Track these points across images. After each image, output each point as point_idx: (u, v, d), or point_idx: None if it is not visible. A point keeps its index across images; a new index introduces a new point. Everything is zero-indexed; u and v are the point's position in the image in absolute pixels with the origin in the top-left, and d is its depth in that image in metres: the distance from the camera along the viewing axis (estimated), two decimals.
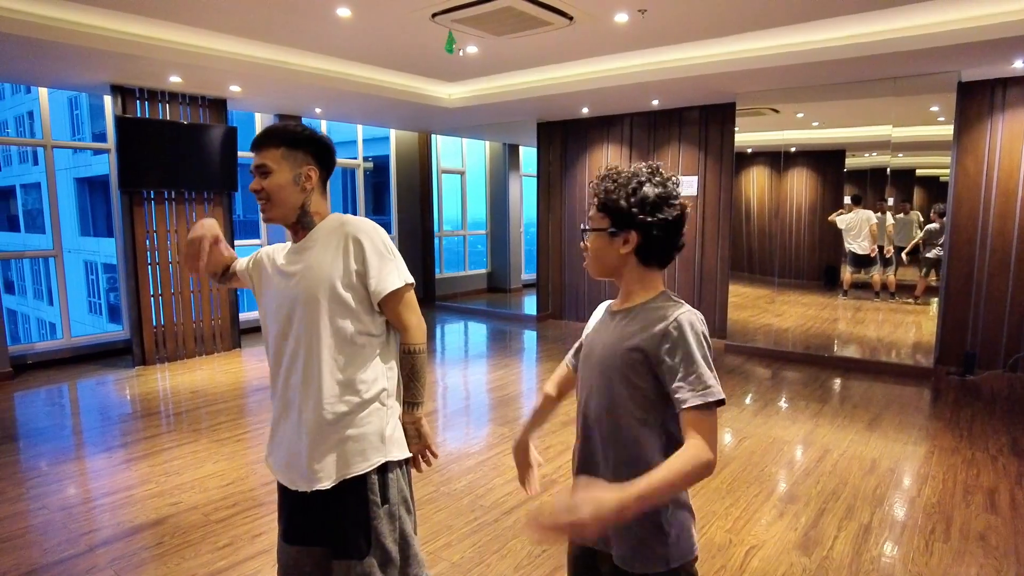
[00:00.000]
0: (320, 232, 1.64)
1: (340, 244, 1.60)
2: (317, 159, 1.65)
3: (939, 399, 4.79)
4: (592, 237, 1.33)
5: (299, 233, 1.66)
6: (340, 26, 4.40)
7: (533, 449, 1.57)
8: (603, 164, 7.35)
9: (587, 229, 1.33)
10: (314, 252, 1.62)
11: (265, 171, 1.60)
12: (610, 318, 1.37)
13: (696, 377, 1.19)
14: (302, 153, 1.62)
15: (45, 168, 5.76)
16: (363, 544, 1.58)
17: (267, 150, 1.60)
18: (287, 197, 1.61)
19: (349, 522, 1.59)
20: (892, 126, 5.38)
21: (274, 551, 2.05)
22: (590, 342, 1.40)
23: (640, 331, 1.26)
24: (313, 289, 1.58)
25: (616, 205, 1.27)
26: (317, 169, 1.64)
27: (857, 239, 5.82)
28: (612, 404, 1.29)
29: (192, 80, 5.34)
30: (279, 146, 1.60)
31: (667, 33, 4.65)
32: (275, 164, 1.60)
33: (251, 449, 3.80)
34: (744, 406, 4.62)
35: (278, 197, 1.60)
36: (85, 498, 3.18)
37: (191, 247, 1.72)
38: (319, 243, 1.62)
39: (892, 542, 2.74)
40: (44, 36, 3.98)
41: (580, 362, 1.43)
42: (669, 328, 1.22)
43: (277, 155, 1.60)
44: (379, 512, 1.61)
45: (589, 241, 1.34)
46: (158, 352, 5.89)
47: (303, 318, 1.59)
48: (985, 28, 3.99)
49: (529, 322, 8.02)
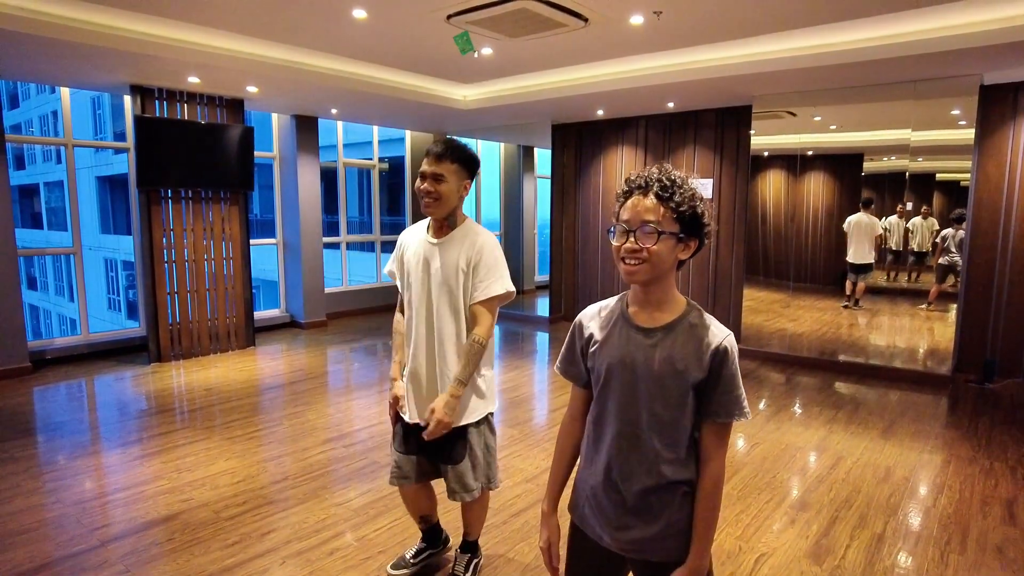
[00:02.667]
0: (458, 233, 2.17)
1: (469, 248, 2.13)
2: (471, 177, 2.17)
3: (956, 407, 4.71)
4: (661, 240, 1.27)
5: (444, 229, 2.18)
6: (356, 27, 4.42)
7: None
8: (618, 166, 7.33)
9: (662, 232, 1.27)
10: (450, 249, 2.15)
11: (441, 179, 2.08)
12: (642, 335, 1.35)
13: (735, 397, 1.32)
14: (466, 171, 2.14)
15: (66, 166, 5.85)
16: (460, 453, 2.20)
17: (446, 163, 2.09)
18: (449, 201, 2.11)
19: (454, 441, 2.20)
20: (911, 130, 5.30)
21: (281, 549, 2.71)
22: (618, 362, 1.36)
23: (694, 351, 1.32)
24: (447, 278, 2.13)
25: (693, 212, 1.29)
26: (470, 183, 2.18)
27: (856, 245, 5.75)
28: (658, 417, 1.34)
29: (210, 80, 5.40)
30: (455, 162, 2.10)
31: (683, 35, 4.62)
32: (449, 175, 2.09)
33: (263, 447, 3.83)
34: (757, 411, 4.57)
35: (445, 199, 2.10)
36: (99, 493, 3.22)
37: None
38: (455, 242, 2.15)
39: (906, 552, 2.70)
40: (65, 36, 4.04)
41: (606, 384, 1.39)
42: (719, 348, 1.31)
43: (452, 168, 2.10)
44: (472, 432, 2.22)
45: (651, 242, 1.27)
46: (173, 349, 5.95)
47: (439, 298, 2.15)
48: (1010, 30, 3.91)
49: (542, 324, 8.01)
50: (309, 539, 2.78)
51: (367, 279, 8.90)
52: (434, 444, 2.20)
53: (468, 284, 2.14)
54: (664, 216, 1.27)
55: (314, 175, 7.37)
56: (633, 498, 1.36)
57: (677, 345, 1.32)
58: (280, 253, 7.58)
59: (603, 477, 1.40)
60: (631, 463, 1.36)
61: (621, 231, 1.30)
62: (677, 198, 1.27)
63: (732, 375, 1.31)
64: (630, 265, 1.29)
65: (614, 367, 1.37)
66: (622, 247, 1.30)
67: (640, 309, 1.37)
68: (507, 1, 3.85)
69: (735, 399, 1.31)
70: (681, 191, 1.28)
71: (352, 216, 14.58)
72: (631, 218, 1.29)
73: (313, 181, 7.36)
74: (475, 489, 2.22)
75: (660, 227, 1.27)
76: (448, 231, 2.17)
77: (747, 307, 6.39)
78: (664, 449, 1.34)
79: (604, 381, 1.39)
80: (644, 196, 1.29)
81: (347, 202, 8.46)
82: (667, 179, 1.29)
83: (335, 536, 2.80)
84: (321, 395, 4.90)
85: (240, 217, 6.33)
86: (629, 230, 1.29)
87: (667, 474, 1.34)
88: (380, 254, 8.85)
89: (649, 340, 1.34)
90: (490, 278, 2.11)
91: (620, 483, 1.37)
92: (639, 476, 1.35)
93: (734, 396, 1.31)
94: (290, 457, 3.69)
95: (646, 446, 1.35)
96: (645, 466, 1.35)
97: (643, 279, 1.31)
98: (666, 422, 1.33)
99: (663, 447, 1.34)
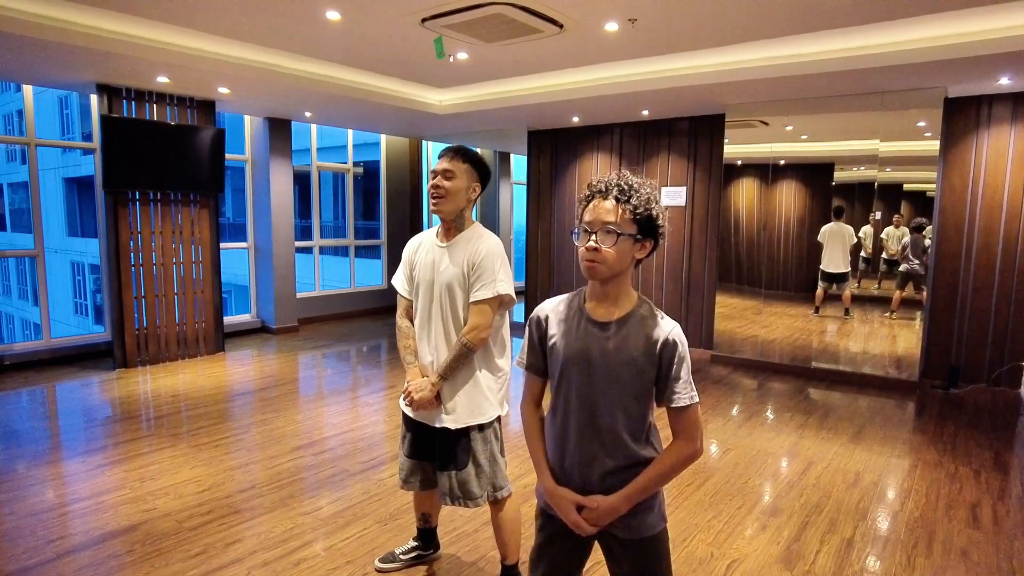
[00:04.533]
0: (464, 236, 2.20)
1: (472, 251, 2.16)
2: (481, 182, 2.23)
3: (923, 412, 4.79)
4: (619, 241, 1.39)
5: (451, 231, 2.22)
6: (330, 29, 4.38)
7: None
8: (593, 173, 7.36)
9: (620, 233, 1.39)
10: (456, 252, 2.18)
11: (450, 175, 2.14)
12: (598, 328, 1.46)
13: (685, 382, 1.43)
14: (476, 173, 2.21)
15: (29, 167, 5.68)
16: (464, 458, 2.19)
17: (457, 161, 2.16)
18: (457, 199, 2.16)
19: (456, 443, 2.20)
20: (880, 140, 5.41)
21: (246, 560, 2.63)
22: (576, 353, 1.47)
23: (644, 342, 1.43)
24: (451, 280, 2.16)
25: (648, 214, 1.41)
26: (480, 188, 2.23)
27: (830, 253, 5.84)
28: (615, 404, 1.45)
29: (180, 81, 5.29)
30: (465, 162, 2.18)
31: (657, 43, 4.65)
32: (460, 173, 2.16)
33: (230, 455, 3.74)
34: (729, 417, 4.60)
35: (452, 196, 2.15)
36: (57, 503, 3.11)
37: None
38: (461, 245, 2.19)
39: (875, 556, 2.72)
40: (27, 32, 3.92)
41: (563, 374, 1.50)
42: (668, 340, 1.42)
43: (463, 167, 2.17)
44: (476, 436, 2.20)
45: (610, 244, 1.39)
46: (140, 355, 5.81)
47: (440, 299, 2.18)
48: (971, 44, 4.02)
49: (517, 329, 7.99)
50: (276, 549, 2.71)
51: (340, 284, 8.79)
52: (439, 449, 2.24)
53: (468, 286, 2.18)
54: (622, 218, 1.40)
55: (287, 178, 7.28)
56: (596, 480, 1.48)
57: (630, 337, 1.44)
58: (251, 257, 7.45)
59: (566, 462, 1.51)
60: (592, 448, 1.47)
61: (583, 232, 1.43)
62: (634, 201, 1.40)
63: (680, 363, 1.42)
64: (591, 263, 1.41)
65: (572, 359, 1.48)
66: (583, 247, 1.41)
67: (597, 304, 1.48)
68: (482, 6, 3.85)
69: (683, 384, 1.42)
70: (638, 195, 1.41)
71: (326, 220, 14.44)
72: (592, 220, 1.41)
73: (286, 184, 7.26)
74: (479, 497, 2.21)
75: (619, 228, 1.39)
76: (456, 234, 2.22)
77: (720, 313, 6.45)
78: (622, 433, 1.45)
79: (562, 372, 1.50)
80: (604, 199, 1.41)
81: (321, 206, 8.37)
82: (625, 184, 1.41)
83: (303, 546, 2.74)
84: (291, 402, 4.81)
85: (210, 220, 6.21)
86: (590, 231, 1.41)
87: (626, 457, 1.46)
88: (354, 259, 8.76)
89: (604, 333, 1.45)
90: (484, 280, 2.13)
91: (582, 467, 1.49)
92: (600, 459, 1.47)
93: (683, 382, 1.42)
94: (258, 465, 3.61)
95: (605, 432, 1.46)
96: (605, 451, 1.47)
97: (602, 276, 1.42)
98: (622, 408, 1.45)
99: (622, 431, 1.45)
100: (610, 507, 1.45)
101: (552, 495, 1.53)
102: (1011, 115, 5.11)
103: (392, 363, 6.07)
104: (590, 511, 1.47)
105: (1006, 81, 4.74)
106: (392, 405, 4.72)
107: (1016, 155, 5.11)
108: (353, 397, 4.97)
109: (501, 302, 2.19)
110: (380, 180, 8.89)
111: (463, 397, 2.19)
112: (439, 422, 2.21)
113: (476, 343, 2.14)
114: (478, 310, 2.14)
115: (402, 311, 2.35)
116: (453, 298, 2.18)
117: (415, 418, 2.28)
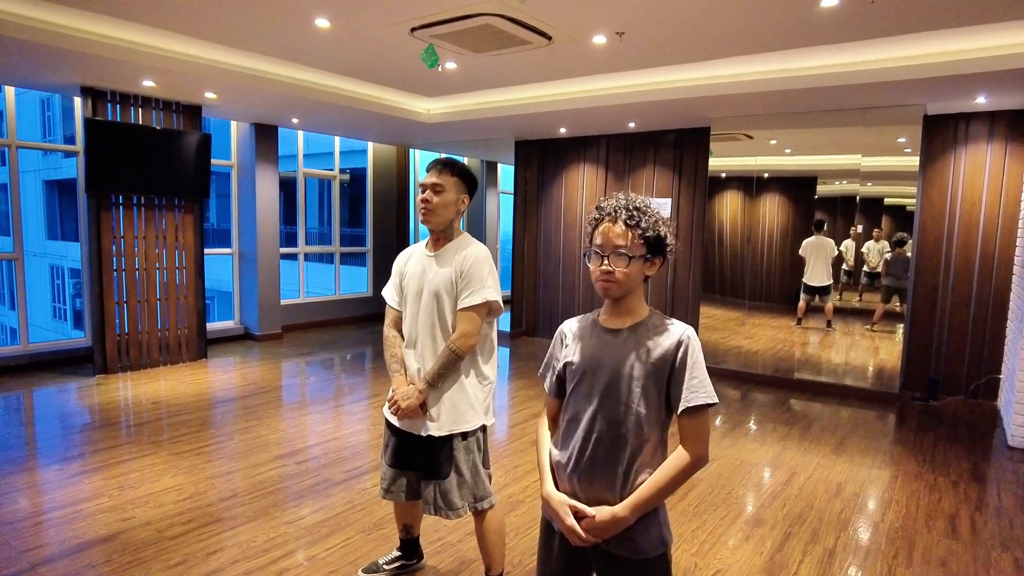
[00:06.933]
0: (452, 246, 2.23)
1: (460, 259, 2.17)
2: (469, 194, 2.26)
3: (903, 424, 4.85)
4: (631, 263, 1.43)
5: (440, 241, 2.25)
6: (319, 37, 4.38)
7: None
8: (580, 184, 7.41)
9: (632, 256, 1.43)
10: (444, 261, 2.21)
11: (439, 189, 2.17)
12: (611, 336, 1.49)
13: (701, 381, 1.42)
14: (465, 185, 2.24)
15: (9, 169, 5.60)
16: (446, 468, 2.19)
17: (446, 175, 2.19)
18: (446, 212, 2.19)
19: (439, 452, 2.20)
20: (862, 155, 5.50)
21: (227, 570, 2.59)
22: (590, 359, 1.50)
23: (656, 346, 1.44)
24: (439, 289, 2.18)
25: (657, 235, 1.45)
26: (468, 200, 2.26)
27: (813, 266, 5.91)
28: (625, 413, 1.44)
29: (166, 85, 5.26)
30: (454, 175, 2.20)
31: (644, 57, 4.71)
32: (449, 187, 2.18)
33: (211, 463, 3.69)
34: (713, 427, 4.63)
35: (442, 209, 2.18)
36: (32, 512, 3.05)
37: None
38: (449, 254, 2.21)
39: (856, 567, 2.75)
40: (9, 33, 3.88)
41: (579, 381, 1.51)
42: (682, 340, 1.43)
43: (451, 181, 2.19)
44: (459, 446, 2.20)
45: (623, 266, 1.42)
46: (120, 360, 5.73)
47: (428, 306, 2.20)
48: (949, 64, 4.11)
49: (503, 339, 7.99)
50: (257, 559, 2.68)
51: (325, 291, 8.75)
52: (422, 458, 2.24)
53: (457, 293, 2.19)
54: (632, 241, 1.43)
55: (273, 184, 7.24)
56: (603, 487, 1.46)
57: (643, 342, 1.46)
58: (236, 263, 7.39)
59: (575, 470, 1.49)
60: (602, 455, 1.46)
61: (595, 255, 1.46)
62: (643, 224, 1.43)
63: (695, 363, 1.42)
64: (605, 284, 1.45)
65: (587, 364, 1.50)
66: (597, 269, 1.45)
67: (611, 316, 1.52)
68: (471, 16, 3.87)
69: (699, 384, 1.41)
70: (647, 217, 1.44)
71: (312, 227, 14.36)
72: (604, 243, 1.45)
73: (272, 191, 7.23)
74: (460, 508, 2.20)
75: (630, 252, 1.43)
76: (444, 243, 2.25)
77: (704, 324, 6.49)
78: (633, 440, 1.44)
79: (578, 379, 1.51)
80: (614, 224, 1.45)
81: (307, 213, 8.33)
82: (633, 207, 1.45)
83: (285, 556, 2.71)
84: (274, 410, 4.76)
85: (195, 226, 6.16)
86: (602, 255, 1.45)
87: (635, 465, 1.44)
88: (339, 266, 8.72)
89: (617, 339, 1.48)
90: (473, 287, 2.15)
91: (592, 475, 1.47)
92: (611, 466, 1.45)
93: (698, 381, 1.41)
94: (240, 473, 3.57)
95: (617, 438, 1.45)
96: (615, 456, 1.45)
97: (616, 295, 1.47)
98: (634, 413, 1.44)
99: (632, 438, 1.44)
100: (613, 516, 1.41)
101: (549, 500, 1.52)
102: (988, 133, 5.23)
103: (376, 371, 6.04)
104: (590, 520, 1.43)
105: (983, 100, 4.85)
106: (376, 414, 4.69)
107: (992, 172, 5.23)
108: (337, 405, 4.93)
109: (489, 309, 2.20)
110: (367, 187, 8.87)
111: (448, 404, 2.19)
112: (424, 430, 2.20)
113: (464, 350, 2.15)
114: (466, 317, 2.15)
115: (390, 322, 2.36)
116: (441, 305, 2.19)
117: (400, 427, 2.27)
